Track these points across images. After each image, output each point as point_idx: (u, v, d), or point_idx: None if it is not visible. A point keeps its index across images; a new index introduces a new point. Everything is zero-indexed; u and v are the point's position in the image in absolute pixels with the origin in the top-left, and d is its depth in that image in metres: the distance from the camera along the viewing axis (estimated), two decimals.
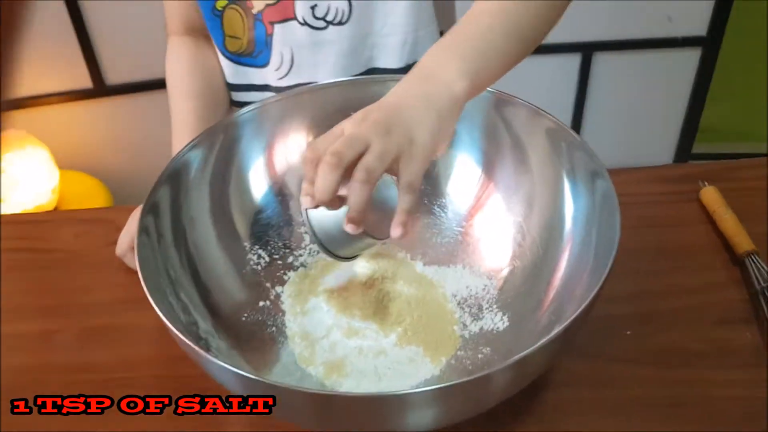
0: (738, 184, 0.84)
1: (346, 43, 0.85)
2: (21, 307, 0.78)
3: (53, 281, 0.80)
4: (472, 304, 0.71)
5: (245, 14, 0.85)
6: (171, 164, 0.68)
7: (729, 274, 0.76)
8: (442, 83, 0.58)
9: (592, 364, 0.68)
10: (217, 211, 0.72)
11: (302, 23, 0.84)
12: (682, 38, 1.67)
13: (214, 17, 0.85)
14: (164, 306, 0.58)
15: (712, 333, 0.70)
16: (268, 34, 0.85)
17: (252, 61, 0.88)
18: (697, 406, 0.65)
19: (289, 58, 0.86)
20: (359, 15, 0.83)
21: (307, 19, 0.83)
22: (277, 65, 0.87)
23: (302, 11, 0.83)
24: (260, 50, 0.87)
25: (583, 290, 0.60)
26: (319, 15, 0.83)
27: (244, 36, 0.86)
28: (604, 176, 0.61)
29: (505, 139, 0.72)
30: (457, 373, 0.65)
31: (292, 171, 0.76)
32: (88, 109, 1.68)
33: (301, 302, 0.71)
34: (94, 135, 1.73)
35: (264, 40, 0.86)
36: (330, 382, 0.64)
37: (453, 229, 0.75)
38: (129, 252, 0.78)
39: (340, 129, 0.56)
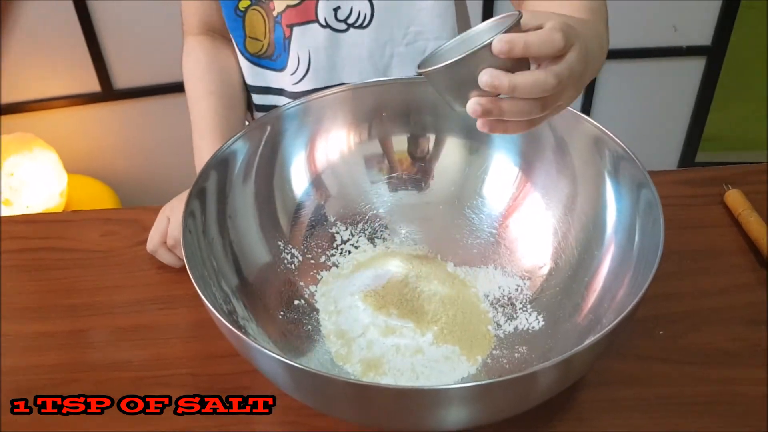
0: (761, 187, 0.85)
1: (365, 47, 0.85)
2: (49, 307, 0.77)
3: (81, 281, 0.80)
4: (505, 304, 0.71)
5: (267, 16, 0.85)
6: (219, 152, 0.68)
7: (756, 275, 0.77)
8: (602, 56, 0.59)
9: (626, 363, 0.68)
10: (261, 204, 0.72)
11: (324, 25, 0.84)
12: (686, 47, 1.69)
13: (236, 17, 0.86)
14: (209, 294, 0.58)
15: (742, 333, 0.71)
16: (285, 37, 0.85)
17: (272, 63, 0.88)
18: (729, 404, 0.65)
19: (306, 61, 0.86)
20: (381, 19, 0.83)
21: (329, 20, 0.84)
22: (293, 69, 0.87)
23: (324, 12, 0.83)
24: (279, 53, 0.87)
25: (624, 293, 0.61)
26: (341, 17, 0.83)
27: (265, 38, 0.86)
28: (649, 185, 0.62)
29: (548, 141, 0.72)
30: (495, 372, 0.65)
31: (331, 168, 0.76)
32: (97, 112, 1.68)
33: (335, 301, 0.72)
34: (102, 139, 1.72)
35: (282, 43, 0.86)
36: (368, 380, 0.65)
37: (485, 231, 0.75)
38: (161, 248, 0.78)
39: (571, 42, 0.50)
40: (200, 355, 0.71)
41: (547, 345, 0.66)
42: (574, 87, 0.52)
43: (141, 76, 1.65)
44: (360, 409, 0.58)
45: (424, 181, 0.78)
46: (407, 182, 0.78)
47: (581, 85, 0.54)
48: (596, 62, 0.57)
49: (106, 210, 0.97)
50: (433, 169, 0.78)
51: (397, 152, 0.77)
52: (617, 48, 1.66)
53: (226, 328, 0.54)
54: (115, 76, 1.65)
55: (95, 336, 0.74)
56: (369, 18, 0.83)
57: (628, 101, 1.76)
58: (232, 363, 0.69)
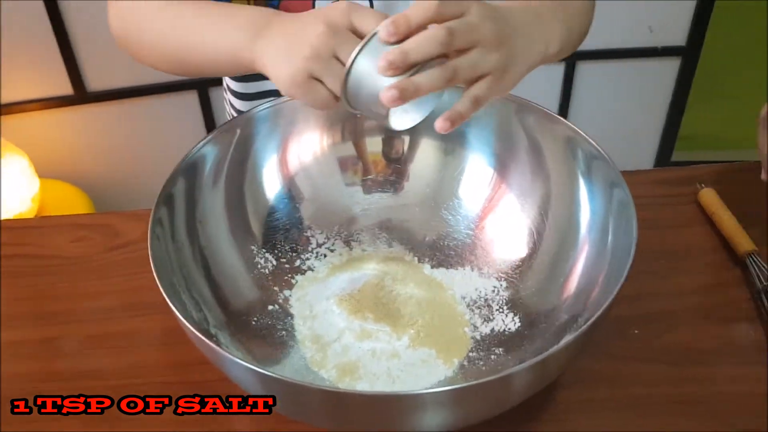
0: (735, 186, 0.86)
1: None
2: (20, 315, 0.76)
3: (52, 288, 0.78)
4: (482, 306, 0.71)
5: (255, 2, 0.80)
6: (187, 157, 0.67)
7: (730, 273, 0.77)
8: (545, 36, 0.58)
9: (602, 363, 0.69)
10: (232, 209, 0.71)
11: None
12: (661, 48, 1.70)
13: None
14: (178, 302, 0.57)
15: (716, 331, 0.72)
16: None
17: None
18: (705, 403, 0.66)
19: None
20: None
21: None
22: None
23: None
24: None
25: (599, 293, 0.61)
26: None
27: None
28: (622, 185, 0.63)
29: (521, 142, 0.72)
30: (472, 375, 0.65)
31: (304, 171, 0.75)
32: (69, 116, 1.66)
33: (310, 306, 0.71)
34: (75, 142, 1.70)
35: None
36: (343, 385, 0.64)
37: (461, 232, 0.75)
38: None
39: (467, 5, 0.52)
40: (174, 362, 0.70)
41: (523, 346, 0.66)
42: (496, 49, 0.52)
43: (115, 78, 1.63)
44: (335, 416, 0.57)
45: (399, 183, 0.78)
46: (382, 184, 0.78)
47: (512, 50, 0.54)
48: (531, 28, 0.57)
49: (78, 215, 0.96)
50: (409, 171, 0.77)
51: (372, 154, 0.77)
52: (593, 49, 1.67)
53: (195, 336, 0.53)
54: (89, 78, 1.62)
55: (66, 344, 0.73)
56: None
57: (605, 102, 1.78)
58: (206, 371, 0.68)
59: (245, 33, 0.61)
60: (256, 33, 0.60)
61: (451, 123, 0.52)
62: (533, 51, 0.57)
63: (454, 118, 0.53)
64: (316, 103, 0.56)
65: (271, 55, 0.58)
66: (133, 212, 0.86)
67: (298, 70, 0.55)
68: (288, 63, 0.56)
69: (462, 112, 0.53)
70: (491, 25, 0.53)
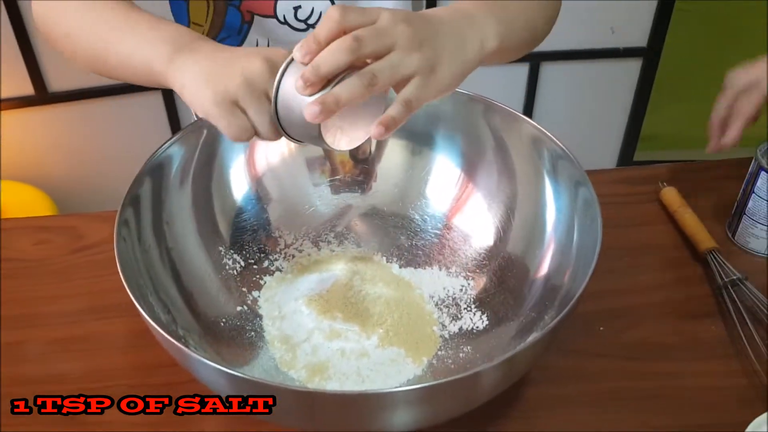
0: (696, 184, 0.88)
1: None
2: None
3: (15, 291, 0.77)
4: (450, 305, 0.71)
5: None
6: (153, 157, 0.66)
7: (692, 270, 0.79)
8: (478, 33, 0.57)
9: (569, 359, 0.69)
10: (199, 210, 0.71)
11: (282, 22, 0.82)
12: (623, 49, 1.73)
13: (182, 2, 0.81)
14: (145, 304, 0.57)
15: (680, 327, 0.73)
16: (245, 21, 0.82)
17: None
18: (669, 397, 0.67)
19: (265, 46, 0.83)
20: None
21: (288, 18, 0.81)
22: None
23: (283, 10, 0.81)
24: (225, 36, 0.83)
25: (565, 290, 0.62)
26: (301, 17, 0.82)
27: (207, 23, 0.83)
28: (587, 184, 0.64)
29: (488, 142, 0.73)
30: (440, 373, 0.66)
31: (271, 172, 0.75)
32: (30, 116, 1.63)
33: (279, 306, 0.71)
34: (36, 144, 1.67)
35: (238, 26, 0.82)
36: (313, 385, 0.64)
37: (429, 232, 0.76)
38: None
39: (377, 13, 0.53)
40: (139, 365, 0.69)
41: (491, 344, 0.67)
42: (417, 50, 0.52)
43: (77, 79, 1.60)
44: (305, 416, 0.57)
45: (367, 184, 0.78)
46: (350, 184, 0.78)
47: (436, 49, 0.54)
48: (458, 26, 0.57)
49: (40, 218, 0.94)
50: (376, 171, 0.78)
51: (339, 155, 0.77)
52: (557, 50, 1.69)
53: (163, 338, 0.53)
54: (50, 78, 1.60)
55: (29, 349, 0.72)
56: None
57: (569, 102, 1.80)
58: (172, 373, 0.67)
59: (165, 46, 0.59)
60: (177, 49, 0.59)
61: (385, 128, 0.52)
62: (465, 49, 0.57)
63: (387, 122, 0.52)
64: (232, 130, 0.53)
65: (194, 73, 0.56)
66: (97, 214, 0.85)
67: (226, 93, 0.53)
68: (214, 84, 0.54)
69: (395, 117, 0.53)
70: (405, 27, 0.53)
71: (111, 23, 0.65)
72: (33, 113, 1.62)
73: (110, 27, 0.65)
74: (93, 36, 0.66)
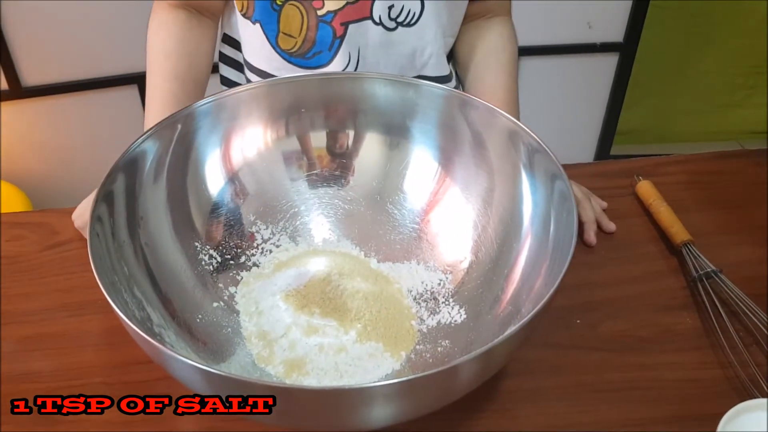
0: (670, 177, 0.88)
1: (410, 45, 0.85)
2: None
3: None
4: (428, 299, 0.71)
5: (307, 13, 0.82)
6: (127, 153, 0.65)
7: (667, 263, 0.80)
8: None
9: (546, 352, 0.70)
10: (174, 205, 0.70)
11: (377, 23, 0.83)
12: (600, 44, 1.74)
13: (272, 11, 0.82)
14: (119, 301, 0.56)
15: (655, 319, 0.74)
16: (337, 36, 0.83)
17: (303, 62, 0.85)
18: (645, 389, 0.68)
19: (356, 59, 0.85)
20: (427, 18, 0.84)
21: (383, 18, 0.82)
22: (341, 67, 0.84)
23: (379, 10, 0.82)
24: (318, 51, 0.84)
25: (542, 283, 0.62)
26: (393, 15, 0.83)
27: (300, 36, 0.83)
28: (562, 177, 0.64)
29: (465, 135, 0.73)
30: (419, 367, 0.65)
31: (248, 166, 0.74)
32: (4, 111, 1.60)
33: (256, 302, 0.70)
34: (10, 139, 1.64)
35: (329, 42, 0.83)
36: (291, 381, 0.64)
37: (407, 226, 0.76)
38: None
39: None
40: (114, 363, 0.69)
41: (469, 337, 0.67)
42: None
43: (51, 73, 1.59)
44: (282, 412, 0.57)
45: (344, 178, 0.77)
46: (328, 179, 0.77)
47: None
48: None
49: (14, 213, 0.93)
50: (354, 165, 0.77)
51: (316, 149, 0.77)
52: (534, 45, 1.70)
53: (137, 335, 0.52)
54: (24, 72, 1.57)
55: (2, 346, 0.71)
56: (418, 16, 0.83)
57: (546, 96, 1.81)
58: (147, 370, 0.67)
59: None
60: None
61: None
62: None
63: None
64: None
65: None
66: (72, 209, 0.84)
67: None
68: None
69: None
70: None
71: (150, 87, 0.85)
72: (6, 108, 1.60)
73: (151, 84, 0.85)
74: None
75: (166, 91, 0.83)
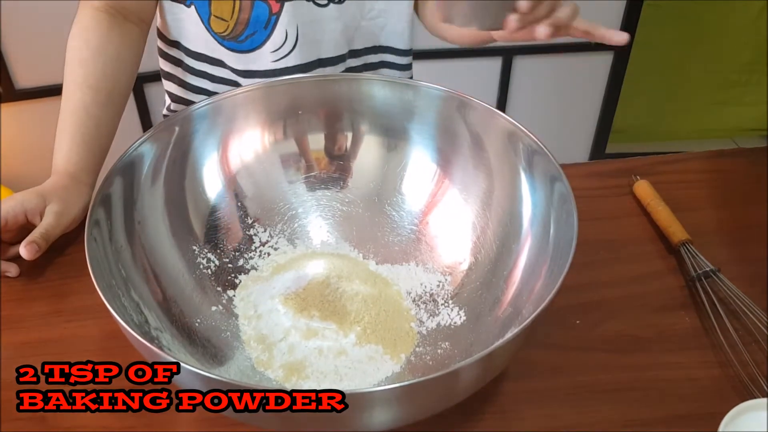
0: (668, 177, 0.88)
1: (341, 21, 0.86)
2: None
3: None
4: (428, 301, 0.71)
5: None
6: (125, 156, 0.65)
7: (665, 263, 0.79)
8: None
9: (546, 353, 0.70)
10: (172, 208, 0.70)
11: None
12: (595, 43, 1.74)
13: None
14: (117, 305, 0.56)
15: (654, 319, 0.74)
16: (273, 12, 0.82)
17: (236, 45, 0.85)
18: (645, 389, 0.67)
19: (294, 36, 0.84)
20: None
21: None
22: (278, 45, 0.84)
23: None
24: (251, 33, 0.83)
25: (542, 285, 0.62)
26: None
27: (232, 19, 0.83)
28: (561, 178, 0.64)
29: (463, 137, 0.73)
30: (419, 370, 0.65)
31: (246, 169, 0.74)
32: None
33: (254, 306, 0.70)
34: (3, 141, 1.64)
35: (264, 19, 0.82)
36: (290, 385, 0.63)
37: (406, 228, 0.75)
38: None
39: None
40: None
41: (469, 339, 0.67)
42: None
43: (45, 75, 1.58)
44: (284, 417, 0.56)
45: (342, 180, 0.77)
46: (326, 181, 0.77)
47: None
48: None
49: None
50: (352, 168, 0.77)
51: (314, 151, 0.76)
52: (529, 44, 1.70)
53: (135, 339, 0.52)
54: (17, 75, 1.57)
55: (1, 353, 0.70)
56: None
57: (541, 96, 1.81)
58: None
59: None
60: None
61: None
62: None
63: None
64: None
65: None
66: None
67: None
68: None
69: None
70: None
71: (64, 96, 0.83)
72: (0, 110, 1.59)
73: (65, 93, 0.83)
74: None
75: (77, 101, 0.81)
